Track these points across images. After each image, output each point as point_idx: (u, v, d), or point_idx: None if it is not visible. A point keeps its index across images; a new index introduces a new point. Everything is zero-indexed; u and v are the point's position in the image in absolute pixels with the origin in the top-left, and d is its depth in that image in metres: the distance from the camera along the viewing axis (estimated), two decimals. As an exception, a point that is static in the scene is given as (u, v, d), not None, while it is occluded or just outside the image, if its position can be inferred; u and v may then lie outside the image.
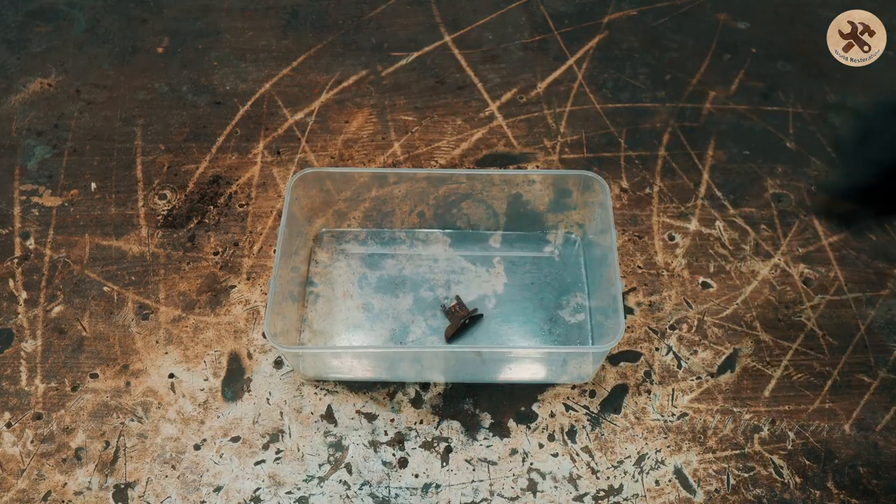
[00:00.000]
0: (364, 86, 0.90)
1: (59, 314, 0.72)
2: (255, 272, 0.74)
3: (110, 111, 0.88)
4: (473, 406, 0.66)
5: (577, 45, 0.94)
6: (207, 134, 0.85)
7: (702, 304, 0.72)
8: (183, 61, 0.93)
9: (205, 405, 0.66)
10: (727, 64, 0.92)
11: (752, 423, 0.65)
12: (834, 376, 0.67)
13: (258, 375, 0.68)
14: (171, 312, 0.71)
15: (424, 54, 0.93)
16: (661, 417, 0.65)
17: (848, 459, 0.63)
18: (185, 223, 0.78)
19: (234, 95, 0.89)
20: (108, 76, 0.91)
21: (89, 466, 0.63)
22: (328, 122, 0.87)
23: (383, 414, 0.66)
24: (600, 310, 0.68)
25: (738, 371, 0.68)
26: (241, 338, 0.70)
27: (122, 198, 0.80)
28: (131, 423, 0.65)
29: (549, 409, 0.66)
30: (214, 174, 0.82)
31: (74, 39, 0.95)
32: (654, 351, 0.69)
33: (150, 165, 0.83)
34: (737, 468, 0.63)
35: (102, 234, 0.77)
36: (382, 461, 0.63)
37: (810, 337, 0.70)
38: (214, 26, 0.96)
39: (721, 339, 0.70)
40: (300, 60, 0.93)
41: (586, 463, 0.63)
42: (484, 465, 0.63)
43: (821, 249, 0.75)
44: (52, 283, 0.73)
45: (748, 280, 0.73)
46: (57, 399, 0.67)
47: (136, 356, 0.69)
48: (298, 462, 0.63)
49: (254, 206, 0.79)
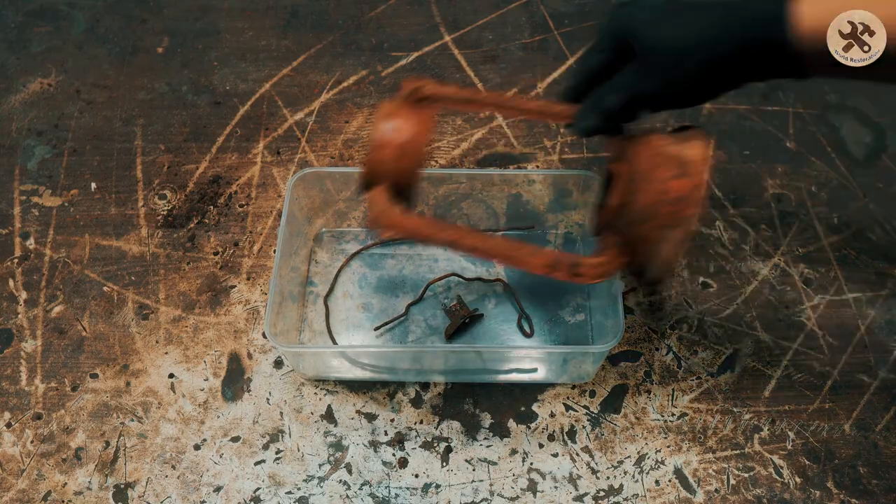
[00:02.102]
0: (364, 86, 0.90)
1: (59, 314, 0.72)
2: (255, 272, 0.74)
3: (110, 111, 0.88)
4: (473, 406, 0.66)
5: (577, 45, 0.94)
6: (207, 134, 0.86)
7: (702, 304, 0.72)
8: (183, 61, 0.93)
9: (205, 405, 0.66)
10: (727, 64, 0.92)
11: (752, 423, 0.65)
12: (834, 376, 0.68)
13: (258, 375, 0.68)
14: (171, 312, 0.72)
15: (424, 54, 0.94)
16: (661, 417, 0.65)
17: (848, 459, 0.63)
18: (185, 223, 0.78)
19: (233, 95, 0.89)
20: (108, 76, 0.92)
21: (89, 466, 0.63)
22: (328, 122, 0.87)
23: (383, 414, 0.66)
24: (600, 309, 0.68)
25: (738, 371, 0.68)
26: (241, 338, 0.70)
27: (122, 198, 0.80)
28: (131, 423, 0.65)
29: (549, 409, 0.66)
30: (214, 174, 0.82)
31: (74, 39, 0.96)
32: (654, 351, 0.69)
33: (150, 165, 0.83)
34: (737, 468, 0.63)
35: (102, 234, 0.77)
36: (382, 461, 0.63)
37: (810, 337, 0.70)
38: (214, 26, 0.97)
39: (721, 339, 0.70)
40: (300, 60, 0.93)
41: (586, 463, 0.63)
42: (484, 465, 0.63)
43: (821, 249, 0.76)
44: (52, 284, 0.74)
45: (748, 280, 0.74)
46: (57, 399, 0.67)
47: (136, 356, 0.69)
48: (298, 462, 0.63)
49: (254, 206, 0.79)
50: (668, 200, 0.49)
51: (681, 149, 0.50)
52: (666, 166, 0.49)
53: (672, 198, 0.49)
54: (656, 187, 0.49)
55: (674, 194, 0.49)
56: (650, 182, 0.50)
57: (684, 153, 0.49)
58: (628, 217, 0.51)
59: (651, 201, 0.50)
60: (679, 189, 0.49)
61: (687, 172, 0.49)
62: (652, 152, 0.50)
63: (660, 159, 0.50)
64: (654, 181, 0.49)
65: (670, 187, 0.49)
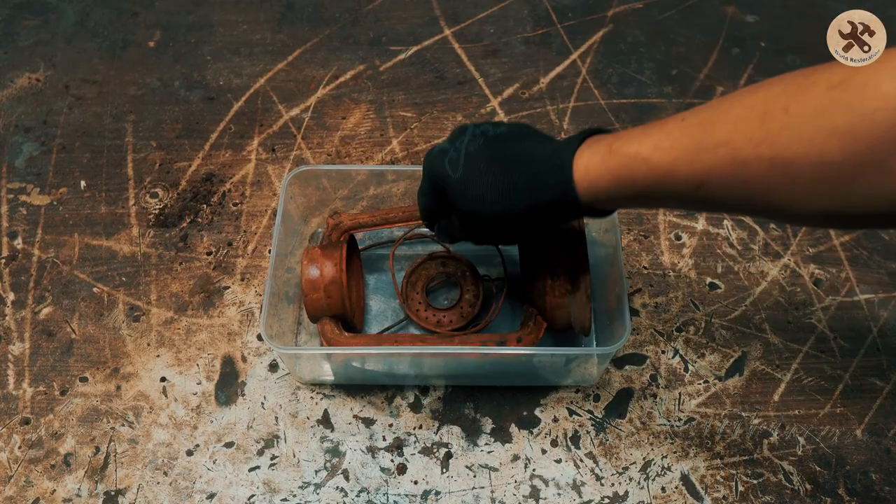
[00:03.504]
0: (362, 81, 0.90)
1: (48, 316, 0.72)
2: (250, 273, 0.74)
3: (100, 107, 0.88)
4: (474, 410, 0.66)
5: (580, 39, 0.94)
6: (200, 130, 0.85)
7: (709, 305, 0.72)
8: (175, 56, 0.93)
9: (197, 410, 0.66)
10: (735, 58, 0.92)
11: (762, 428, 0.65)
12: (845, 380, 0.67)
13: (252, 379, 0.68)
14: (163, 314, 0.71)
15: (424, 48, 0.93)
16: (668, 422, 0.65)
17: (860, 465, 0.63)
18: (178, 222, 0.78)
19: (227, 91, 0.89)
20: (98, 71, 0.91)
21: (79, 473, 0.63)
22: (324, 118, 0.87)
23: (381, 418, 0.66)
24: (605, 311, 0.68)
25: (747, 374, 0.68)
26: (236, 340, 0.70)
27: (112, 196, 0.80)
28: (122, 428, 0.65)
29: (552, 413, 0.66)
30: (207, 172, 0.82)
31: (63, 33, 0.95)
32: (660, 354, 0.69)
33: (141, 163, 0.83)
34: (745, 475, 0.63)
35: (92, 233, 0.77)
36: (381, 467, 0.63)
37: (821, 339, 0.70)
38: (207, 19, 0.96)
39: (729, 341, 0.70)
40: (296, 55, 0.93)
41: (590, 469, 0.63)
42: (485, 472, 0.63)
43: (832, 249, 0.75)
44: (41, 284, 0.73)
45: (757, 281, 0.73)
46: (45, 403, 0.67)
47: (126, 359, 0.69)
48: (294, 468, 0.63)
49: (248, 204, 0.79)
50: (560, 272, 0.60)
51: (565, 226, 0.61)
52: (554, 244, 0.61)
53: (563, 270, 0.60)
54: (549, 263, 0.61)
55: (565, 267, 0.60)
56: (543, 260, 0.61)
57: (567, 230, 0.61)
58: (536, 291, 0.62)
59: (547, 275, 0.61)
60: (565, 263, 0.60)
61: (571, 248, 0.60)
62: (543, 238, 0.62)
63: (550, 238, 0.61)
64: (546, 259, 0.61)
65: (560, 262, 0.60)
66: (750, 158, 0.39)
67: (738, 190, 0.40)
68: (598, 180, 0.45)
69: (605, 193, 0.46)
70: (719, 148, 0.40)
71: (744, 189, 0.40)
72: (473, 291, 0.70)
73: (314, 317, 0.64)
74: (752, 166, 0.39)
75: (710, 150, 0.40)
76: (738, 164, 0.39)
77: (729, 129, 0.40)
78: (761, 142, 0.38)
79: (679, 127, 0.42)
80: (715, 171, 0.40)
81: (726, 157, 0.40)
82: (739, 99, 0.41)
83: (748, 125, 0.39)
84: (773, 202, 0.40)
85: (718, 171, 0.40)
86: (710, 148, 0.40)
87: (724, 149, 0.40)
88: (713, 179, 0.41)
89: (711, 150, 0.40)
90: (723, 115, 0.41)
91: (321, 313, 0.64)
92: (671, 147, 0.42)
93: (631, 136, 0.44)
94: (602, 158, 0.45)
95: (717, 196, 0.42)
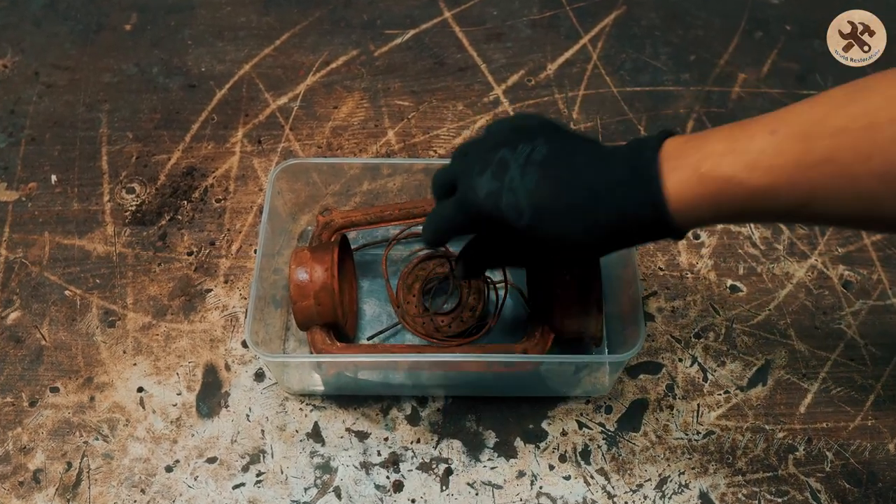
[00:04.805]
0: (355, 67, 0.90)
1: (16, 321, 0.72)
2: (234, 274, 0.74)
3: (72, 95, 0.88)
4: (476, 423, 0.66)
5: (591, 22, 0.94)
6: (180, 121, 0.86)
7: (730, 309, 0.72)
8: (153, 40, 0.93)
9: (178, 422, 0.66)
10: (758, 43, 0.92)
11: (787, 443, 0.65)
12: (877, 390, 0.67)
13: (237, 389, 0.68)
14: (140, 319, 0.71)
15: (422, 32, 0.93)
16: (686, 436, 0.65)
17: (893, 482, 0.63)
18: (156, 220, 0.78)
19: (210, 78, 0.89)
20: (70, 56, 0.91)
21: (49, 490, 0.63)
22: (315, 107, 0.87)
23: (376, 432, 0.66)
24: (617, 316, 0.68)
25: (771, 384, 0.68)
26: (219, 347, 0.70)
27: (85, 192, 0.80)
28: (96, 442, 0.65)
29: (561, 426, 0.66)
30: (188, 165, 0.82)
31: (32, 16, 0.95)
32: (677, 362, 0.69)
33: (116, 156, 0.83)
34: (769, 492, 0.63)
35: (64, 232, 0.77)
36: (375, 484, 0.63)
37: (851, 346, 0.70)
38: (188, 1, 0.96)
39: (752, 348, 0.70)
40: (283, 39, 0.93)
41: (602, 486, 0.63)
42: (488, 489, 0.63)
43: (862, 249, 0.75)
44: (8, 287, 0.74)
45: (782, 283, 0.73)
46: (13, 415, 0.67)
47: (101, 368, 0.69)
48: (282, 485, 0.63)
49: (232, 200, 0.79)
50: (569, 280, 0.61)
51: None
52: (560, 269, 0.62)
53: (572, 277, 0.61)
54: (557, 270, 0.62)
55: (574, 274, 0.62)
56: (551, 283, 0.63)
57: None
58: (544, 301, 0.64)
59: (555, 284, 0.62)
60: (574, 270, 0.61)
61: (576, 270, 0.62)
62: None
63: None
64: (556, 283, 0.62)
65: (570, 283, 0.62)
66: (860, 174, 0.39)
67: (847, 206, 0.41)
68: (694, 208, 0.44)
69: (699, 220, 0.45)
70: (824, 165, 0.40)
71: (856, 204, 0.40)
72: (474, 294, 0.70)
73: (304, 325, 0.64)
74: (862, 181, 0.39)
75: (813, 167, 0.40)
76: (848, 179, 0.39)
77: (831, 144, 0.40)
78: (871, 156, 0.38)
79: (772, 143, 0.41)
80: (820, 189, 0.40)
81: (833, 174, 0.40)
82: (832, 107, 0.41)
83: (853, 139, 0.39)
84: (887, 215, 0.40)
85: (824, 189, 0.40)
86: (814, 165, 0.40)
87: (830, 166, 0.40)
88: (819, 197, 0.41)
89: (815, 167, 0.40)
90: (819, 127, 0.40)
91: (311, 322, 0.63)
92: (769, 167, 0.41)
93: (716, 153, 0.43)
94: (692, 184, 0.44)
95: (823, 212, 0.42)
